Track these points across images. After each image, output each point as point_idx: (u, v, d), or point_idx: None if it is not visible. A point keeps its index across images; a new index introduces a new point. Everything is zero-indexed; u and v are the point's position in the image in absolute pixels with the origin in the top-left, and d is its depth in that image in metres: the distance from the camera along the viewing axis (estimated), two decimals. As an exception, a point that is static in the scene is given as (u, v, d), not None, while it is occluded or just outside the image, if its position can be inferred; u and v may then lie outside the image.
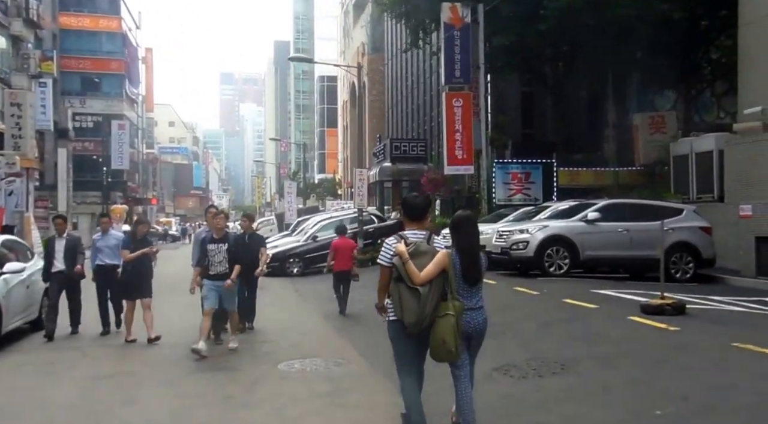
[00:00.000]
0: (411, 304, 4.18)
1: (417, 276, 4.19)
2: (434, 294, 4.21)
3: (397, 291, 4.25)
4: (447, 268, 4.26)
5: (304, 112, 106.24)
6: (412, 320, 4.18)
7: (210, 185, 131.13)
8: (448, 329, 4.15)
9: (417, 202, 4.58)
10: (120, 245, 9.48)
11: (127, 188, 51.74)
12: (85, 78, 50.42)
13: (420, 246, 4.31)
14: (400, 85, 43.22)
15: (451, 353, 4.19)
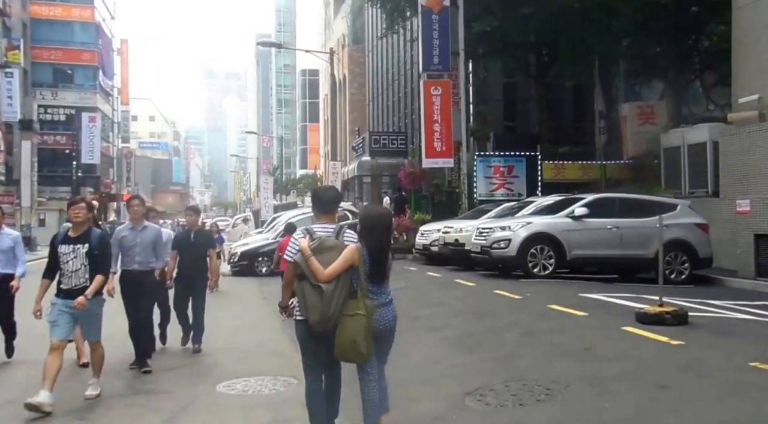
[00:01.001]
0: (314, 302, 4.00)
1: (320, 273, 3.99)
2: (340, 292, 4.01)
3: (301, 289, 4.06)
4: (355, 264, 4.04)
5: (286, 107, 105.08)
6: (316, 318, 4.00)
7: (192, 181, 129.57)
8: (358, 329, 3.96)
9: (327, 195, 4.41)
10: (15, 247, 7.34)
11: (101, 183, 50.13)
12: (57, 69, 48.79)
13: (325, 241, 4.10)
14: (381, 77, 42.19)
15: (361, 354, 4.00)
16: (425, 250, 16.75)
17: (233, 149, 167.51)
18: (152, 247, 7.14)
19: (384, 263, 4.20)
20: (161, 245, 7.31)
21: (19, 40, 38.16)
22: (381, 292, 4.20)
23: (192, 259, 7.97)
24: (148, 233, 7.13)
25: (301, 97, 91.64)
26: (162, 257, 7.38)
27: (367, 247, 4.13)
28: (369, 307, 4.05)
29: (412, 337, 8.14)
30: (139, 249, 7.04)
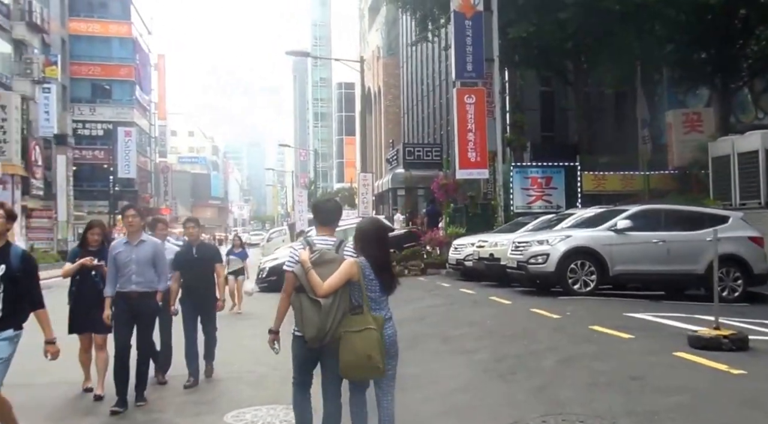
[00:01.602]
0: (311, 316, 3.90)
1: (319, 286, 3.89)
2: (338, 307, 3.92)
3: (299, 302, 3.97)
4: (354, 278, 3.96)
5: (322, 121, 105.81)
6: (313, 333, 3.91)
7: (231, 195, 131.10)
8: (372, 343, 3.86)
9: (326, 207, 4.31)
10: None
11: (138, 197, 50.73)
12: (95, 85, 49.74)
13: (325, 254, 4.01)
14: (416, 88, 41.89)
15: (378, 369, 3.90)
16: (459, 265, 16.10)
17: (271, 163, 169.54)
18: (151, 264, 6.28)
19: (390, 272, 4.13)
20: (162, 261, 6.45)
21: (56, 55, 38.88)
22: (380, 308, 4.09)
23: (196, 277, 7.11)
24: (146, 248, 6.26)
25: (337, 110, 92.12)
26: (164, 276, 6.49)
27: (368, 259, 4.04)
28: (379, 320, 3.96)
29: (439, 360, 7.52)
30: (135, 267, 6.19)
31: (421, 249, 19.27)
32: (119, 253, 6.23)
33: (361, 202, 18.85)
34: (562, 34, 18.90)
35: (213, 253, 7.52)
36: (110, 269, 6.27)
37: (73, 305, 6.73)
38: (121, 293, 6.24)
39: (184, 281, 7.14)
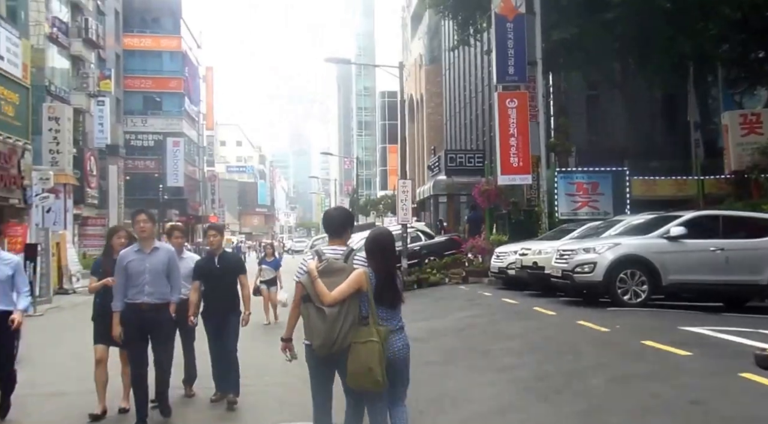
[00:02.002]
0: (317, 325, 3.92)
1: (325, 295, 3.90)
2: (346, 316, 3.91)
3: (306, 311, 4.01)
4: (363, 288, 3.95)
5: (366, 129, 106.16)
6: (319, 342, 3.92)
7: (277, 203, 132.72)
8: (372, 355, 3.85)
9: (334, 216, 4.33)
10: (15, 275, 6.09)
11: (187, 206, 51.58)
12: (147, 97, 50.98)
13: (333, 264, 4.02)
14: (458, 95, 41.46)
15: (377, 382, 3.87)
16: (501, 273, 15.54)
17: (316, 172, 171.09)
18: (165, 273, 5.86)
19: (393, 286, 4.07)
20: (176, 271, 6.00)
21: (110, 70, 39.92)
22: (391, 318, 4.04)
23: (218, 289, 6.48)
24: (159, 255, 5.84)
25: (380, 118, 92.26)
26: (178, 286, 6.03)
27: (373, 270, 4.02)
28: (382, 333, 3.91)
29: (476, 377, 7.05)
30: (148, 277, 5.76)
31: (463, 257, 18.77)
32: (131, 262, 5.78)
33: (400, 209, 18.42)
34: (608, 36, 18.17)
35: (237, 263, 6.81)
36: (119, 279, 5.80)
37: (96, 317, 6.43)
38: (132, 305, 5.78)
39: (205, 293, 6.53)
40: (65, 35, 33.36)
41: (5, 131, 19.04)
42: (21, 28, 26.16)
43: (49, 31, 30.76)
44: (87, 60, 35.83)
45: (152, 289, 5.79)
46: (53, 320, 14.79)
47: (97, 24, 37.34)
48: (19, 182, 19.75)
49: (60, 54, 33.24)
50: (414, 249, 18.83)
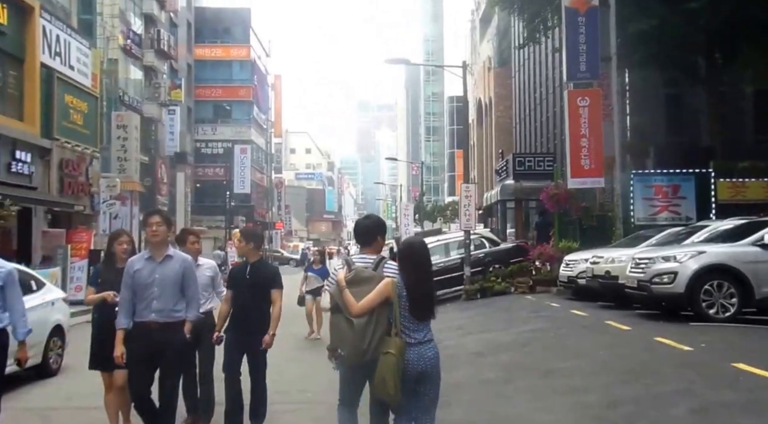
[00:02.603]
0: (346, 335, 3.91)
1: (353, 305, 3.88)
2: (375, 326, 3.89)
3: (336, 322, 4.02)
4: (390, 298, 3.90)
5: (434, 135, 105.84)
6: (348, 351, 3.91)
7: (346, 210, 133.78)
8: (388, 368, 3.81)
9: (364, 224, 4.31)
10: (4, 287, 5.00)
11: (254, 212, 52.28)
12: (217, 106, 52.10)
13: (361, 273, 4.01)
14: (528, 97, 40.29)
15: (389, 394, 3.82)
16: (570, 283, 14.50)
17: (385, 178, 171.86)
18: (178, 286, 4.94)
19: (425, 297, 3.96)
20: (193, 283, 5.05)
21: (180, 79, 40.95)
22: (420, 329, 3.96)
23: (246, 303, 5.54)
24: (172, 265, 4.93)
25: (448, 123, 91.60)
26: (194, 301, 5.07)
27: (404, 280, 3.94)
28: (399, 345, 3.86)
29: (537, 401, 6.24)
30: (158, 290, 4.85)
31: (530, 265, 17.77)
32: (138, 271, 4.90)
33: (463, 214, 17.64)
34: (692, 27, 16.80)
35: (270, 275, 5.73)
36: (125, 291, 4.93)
37: (94, 335, 5.58)
38: (139, 324, 4.87)
39: (234, 306, 5.65)
40: (138, 47, 34.38)
41: (74, 139, 19.49)
42: (94, 40, 27.13)
43: (123, 43, 31.71)
44: (159, 70, 36.84)
45: (161, 305, 4.87)
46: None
47: (169, 35, 38.37)
48: (87, 189, 20.19)
49: (133, 65, 34.27)
50: (477, 256, 18.00)
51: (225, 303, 5.73)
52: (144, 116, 34.83)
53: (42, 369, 8.51)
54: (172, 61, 40.16)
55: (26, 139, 16.87)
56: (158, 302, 4.85)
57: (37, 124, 17.42)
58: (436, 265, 18.09)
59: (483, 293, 16.78)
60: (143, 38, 35.44)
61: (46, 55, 17.72)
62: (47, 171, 17.99)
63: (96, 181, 20.64)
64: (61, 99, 18.69)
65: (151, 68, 36.21)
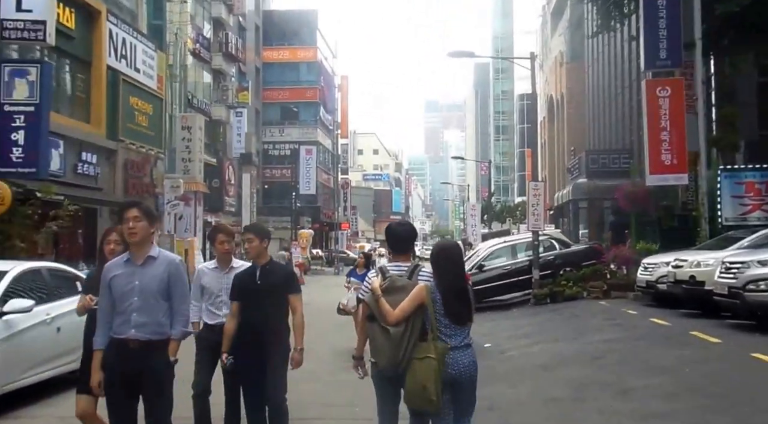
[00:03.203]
0: (383, 344, 3.81)
1: (389, 314, 3.79)
2: (410, 334, 3.80)
3: (372, 331, 3.90)
4: (424, 303, 3.82)
5: (503, 134, 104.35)
6: (384, 361, 3.81)
7: (413, 211, 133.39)
8: (428, 373, 3.71)
9: (398, 232, 4.15)
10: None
11: (320, 213, 52.42)
12: (284, 108, 52.55)
13: (396, 281, 3.91)
14: (602, 92, 38.55)
15: (431, 401, 3.70)
16: (650, 288, 13.35)
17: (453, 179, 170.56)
18: (163, 295, 4.02)
19: (462, 302, 3.89)
20: (181, 290, 4.09)
21: (247, 82, 41.45)
22: (457, 334, 3.88)
23: (259, 315, 4.67)
24: (156, 268, 4.01)
25: (518, 122, 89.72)
26: (181, 315, 4.10)
27: (437, 284, 3.90)
28: (440, 349, 3.78)
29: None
30: (137, 300, 3.95)
31: (604, 268, 16.62)
32: (116, 277, 4.00)
33: (531, 214, 16.68)
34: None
35: (285, 278, 4.86)
36: (102, 302, 4.11)
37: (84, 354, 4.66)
38: (116, 342, 3.97)
39: (242, 319, 4.77)
40: (207, 50, 34.93)
41: (138, 141, 19.77)
42: (164, 44, 27.64)
43: (192, 47, 32.25)
44: (227, 73, 37.37)
45: (142, 318, 3.95)
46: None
47: (237, 38, 38.85)
48: (151, 190, 20.44)
49: (202, 68, 34.84)
50: (547, 259, 16.96)
51: (231, 318, 4.78)
52: (212, 119, 35.46)
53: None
54: (240, 64, 40.71)
55: (92, 141, 17.17)
56: (139, 314, 3.93)
57: (103, 126, 17.72)
58: (502, 268, 17.22)
59: (553, 298, 15.83)
60: (212, 42, 36.00)
61: (112, 58, 18.01)
62: (112, 172, 18.29)
63: (160, 182, 20.89)
64: (127, 101, 19.00)
65: (219, 71, 36.77)
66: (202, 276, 5.20)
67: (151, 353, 3.94)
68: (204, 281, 5.16)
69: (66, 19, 15.70)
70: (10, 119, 11.80)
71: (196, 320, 5.06)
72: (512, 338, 11.03)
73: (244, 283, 4.76)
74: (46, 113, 12.15)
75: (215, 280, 5.13)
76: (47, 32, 11.85)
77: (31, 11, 11.69)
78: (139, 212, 4.02)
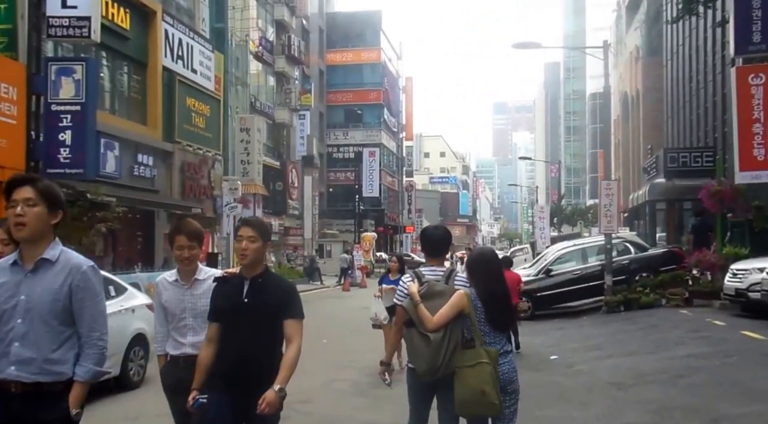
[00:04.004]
0: (422, 350, 3.74)
1: (429, 321, 3.72)
2: (450, 340, 3.73)
3: (410, 337, 3.82)
4: (465, 310, 3.77)
5: (575, 134, 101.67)
6: (423, 367, 3.75)
7: (481, 214, 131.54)
8: (485, 378, 3.64)
9: (434, 235, 4.10)
10: None
11: (384, 216, 51.87)
12: (348, 110, 52.35)
13: (434, 286, 3.85)
14: (682, 87, 36.40)
15: (494, 405, 3.67)
16: (739, 296, 11.92)
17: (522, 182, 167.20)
18: (59, 317, 2.72)
19: (503, 308, 3.87)
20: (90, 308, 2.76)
21: (310, 84, 41.36)
22: (496, 341, 3.80)
23: (243, 342, 3.33)
24: (52, 277, 2.72)
25: (590, 122, 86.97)
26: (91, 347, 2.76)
27: (477, 291, 3.83)
28: (492, 353, 3.70)
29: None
30: (21, 324, 2.68)
31: (685, 274, 15.16)
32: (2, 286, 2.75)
33: (603, 215, 15.44)
34: None
35: (283, 296, 3.41)
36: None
37: None
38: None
39: (221, 347, 3.42)
40: (270, 53, 34.95)
41: (195, 142, 19.59)
42: (226, 47, 27.68)
43: (255, 50, 32.29)
44: (290, 76, 37.31)
45: (28, 350, 2.68)
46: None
47: (300, 40, 38.76)
48: (209, 192, 20.22)
49: (265, 71, 34.89)
50: (621, 263, 15.66)
51: (206, 345, 3.46)
52: (275, 122, 35.47)
53: (121, 381, 7.86)
54: (303, 66, 40.65)
55: (148, 143, 17.05)
56: (23, 345, 2.66)
57: (159, 127, 17.59)
58: (572, 272, 16.04)
59: (627, 306, 14.54)
60: (274, 45, 36.01)
61: (168, 58, 17.88)
62: (169, 174, 18.14)
63: (218, 184, 20.66)
64: (183, 102, 18.83)
65: (282, 74, 36.77)
66: (161, 292, 3.80)
67: (40, 403, 2.67)
68: (163, 298, 3.77)
69: (120, 20, 15.62)
70: (57, 119, 11.52)
71: (161, 352, 3.83)
72: (582, 350, 9.97)
73: (226, 298, 3.42)
74: (92, 112, 11.86)
75: (175, 297, 3.73)
76: (92, 29, 11.58)
77: (76, 7, 11.45)
78: (34, 193, 2.70)
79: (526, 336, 12.29)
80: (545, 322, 14.37)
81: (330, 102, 50.16)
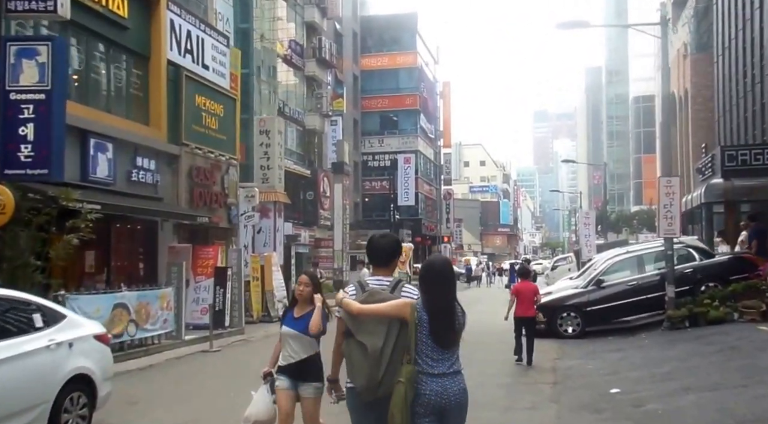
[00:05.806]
0: (359, 362, 3.55)
1: (352, 305, 3.59)
2: (391, 352, 3.53)
3: (348, 348, 3.66)
4: (406, 319, 3.54)
5: (617, 140, 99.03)
6: (362, 382, 3.54)
7: (522, 223, 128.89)
8: (395, 399, 3.42)
9: (380, 244, 3.91)
10: None
11: (421, 226, 49.92)
12: (383, 116, 50.70)
13: (376, 294, 3.66)
14: (735, 84, 34.07)
15: None
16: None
17: (564, 189, 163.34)
18: None
19: (448, 323, 3.58)
20: None
21: (342, 88, 39.81)
22: (444, 358, 3.57)
23: None
24: None
25: (634, 126, 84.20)
26: None
27: (424, 302, 3.59)
28: (409, 372, 3.46)
29: None
30: None
31: (761, 283, 13.02)
32: None
33: (663, 217, 13.44)
34: None
35: None
36: None
37: None
38: None
39: None
40: (300, 56, 33.55)
41: (206, 145, 17.84)
42: (251, 49, 26.34)
43: (283, 52, 30.89)
44: (321, 81, 35.81)
45: None
46: (225, 359, 12.32)
47: (331, 43, 37.20)
48: (222, 200, 18.47)
49: (294, 75, 33.49)
50: (684, 272, 13.60)
51: None
52: (306, 128, 33.93)
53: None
54: (336, 71, 39.10)
55: (150, 145, 15.44)
56: None
57: (163, 128, 16.04)
58: (627, 283, 14.09)
59: (693, 321, 12.55)
60: (305, 48, 34.58)
61: (174, 51, 16.35)
62: (175, 180, 16.53)
63: (233, 192, 18.99)
64: (192, 101, 17.22)
65: (313, 78, 35.24)
66: None
67: None
68: None
69: (117, 6, 14.14)
70: (17, 110, 9.73)
71: None
72: (649, 380, 8.01)
73: None
74: (60, 102, 10.04)
75: None
76: (58, 2, 10.02)
77: (40, -22, 9.97)
78: None
79: (575, 359, 10.38)
80: (597, 340, 12.44)
81: (365, 108, 48.54)
